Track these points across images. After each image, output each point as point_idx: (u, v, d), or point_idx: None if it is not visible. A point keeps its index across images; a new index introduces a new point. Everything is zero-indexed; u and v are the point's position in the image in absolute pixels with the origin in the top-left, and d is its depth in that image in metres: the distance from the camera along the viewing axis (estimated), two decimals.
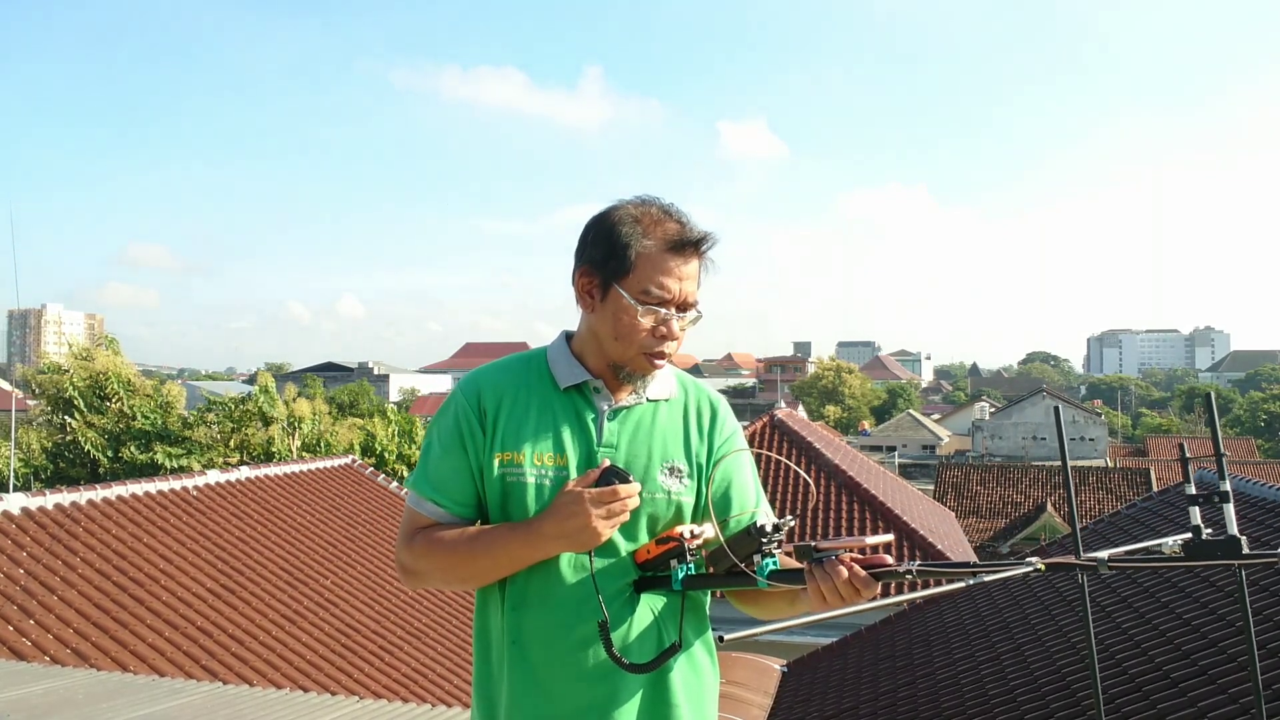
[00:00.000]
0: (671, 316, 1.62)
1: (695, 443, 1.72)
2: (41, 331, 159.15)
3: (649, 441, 1.68)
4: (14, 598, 6.38)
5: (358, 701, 4.50)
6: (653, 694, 1.63)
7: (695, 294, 1.66)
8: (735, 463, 1.75)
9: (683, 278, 1.63)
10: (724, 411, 1.78)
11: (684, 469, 1.68)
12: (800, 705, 6.99)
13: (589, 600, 1.60)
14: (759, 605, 1.72)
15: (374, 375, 65.86)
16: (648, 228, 1.62)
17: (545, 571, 1.63)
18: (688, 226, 1.64)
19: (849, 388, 76.83)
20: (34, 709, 3.60)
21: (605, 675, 1.60)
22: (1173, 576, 6.42)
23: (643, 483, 1.63)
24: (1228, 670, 4.73)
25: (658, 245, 1.62)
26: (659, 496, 1.65)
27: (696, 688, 1.69)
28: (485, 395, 1.68)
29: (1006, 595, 7.63)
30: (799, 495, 14.73)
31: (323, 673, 7.16)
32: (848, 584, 1.46)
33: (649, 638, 1.65)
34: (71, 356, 22.29)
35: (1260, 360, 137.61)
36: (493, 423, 1.66)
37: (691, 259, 1.64)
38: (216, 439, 21.58)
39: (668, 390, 1.73)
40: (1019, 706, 5.36)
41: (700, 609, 1.74)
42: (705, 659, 1.73)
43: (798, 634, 12.93)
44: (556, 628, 1.61)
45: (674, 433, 1.71)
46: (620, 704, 1.61)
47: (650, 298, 1.61)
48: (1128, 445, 52.56)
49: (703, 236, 1.65)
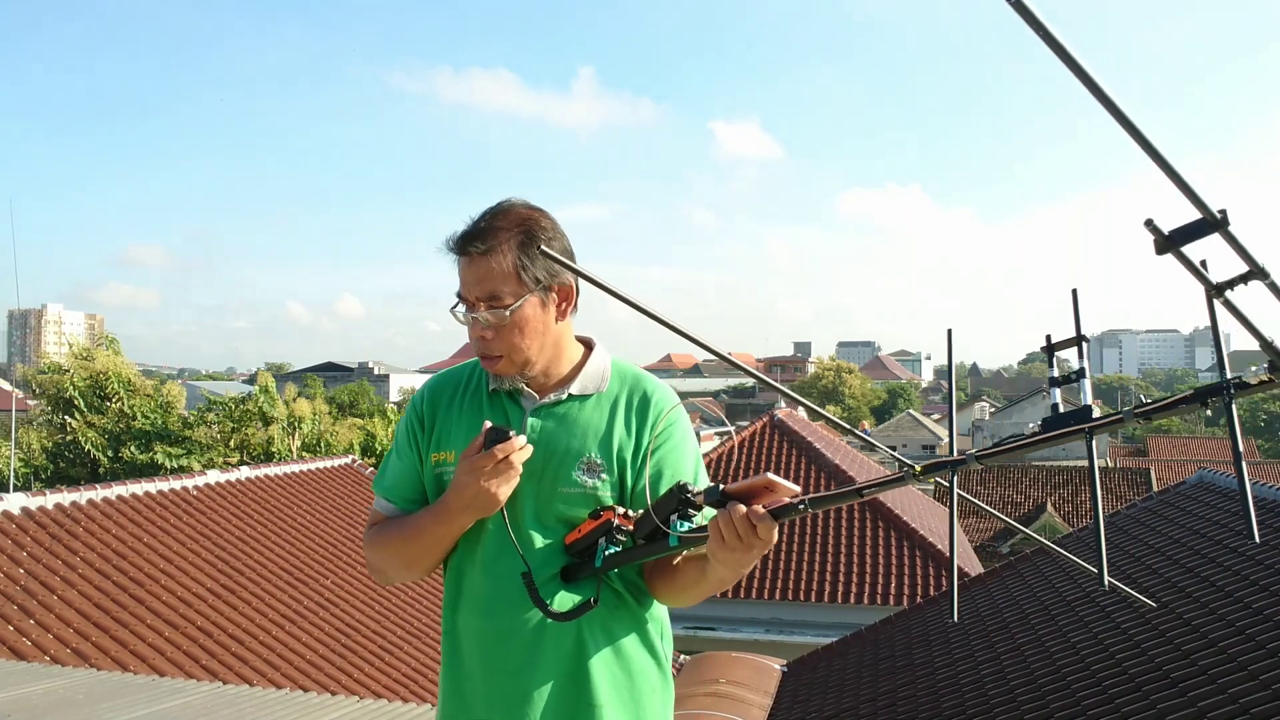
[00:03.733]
0: (471, 316, 1.68)
1: (620, 435, 1.73)
2: (42, 331, 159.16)
3: (567, 437, 1.72)
4: (14, 598, 6.37)
5: (358, 701, 4.50)
6: (574, 691, 1.65)
7: (490, 289, 1.65)
8: (673, 448, 1.75)
9: (467, 277, 1.67)
10: (659, 399, 1.77)
11: (601, 464, 1.70)
12: (800, 705, 6.99)
13: (509, 595, 1.66)
14: (674, 581, 1.71)
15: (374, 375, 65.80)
16: (450, 241, 1.70)
17: (473, 567, 1.72)
18: (471, 227, 1.67)
19: (849, 388, 76.85)
20: (34, 709, 3.60)
21: (524, 668, 1.65)
22: (1173, 576, 6.42)
23: (557, 478, 1.69)
24: (1228, 670, 4.73)
25: (453, 250, 1.69)
26: (573, 491, 1.69)
27: (628, 690, 1.69)
28: (428, 400, 1.82)
29: (1006, 595, 7.64)
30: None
31: (323, 673, 7.16)
32: (744, 520, 1.47)
33: (566, 625, 1.68)
34: (72, 356, 22.31)
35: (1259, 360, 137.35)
36: (431, 424, 1.79)
37: (473, 257, 1.66)
38: (216, 439, 21.58)
39: (595, 385, 1.76)
40: (1019, 706, 5.36)
41: (635, 609, 1.73)
42: (644, 663, 1.73)
43: (798, 634, 12.94)
44: (482, 619, 1.69)
45: (596, 427, 1.73)
46: (536, 696, 1.64)
47: (457, 301, 1.70)
48: (1128, 445, 52.52)
49: (475, 234, 1.66)
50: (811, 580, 13.43)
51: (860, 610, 12.76)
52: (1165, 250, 0.99)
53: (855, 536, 14.11)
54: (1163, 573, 6.60)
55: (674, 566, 1.71)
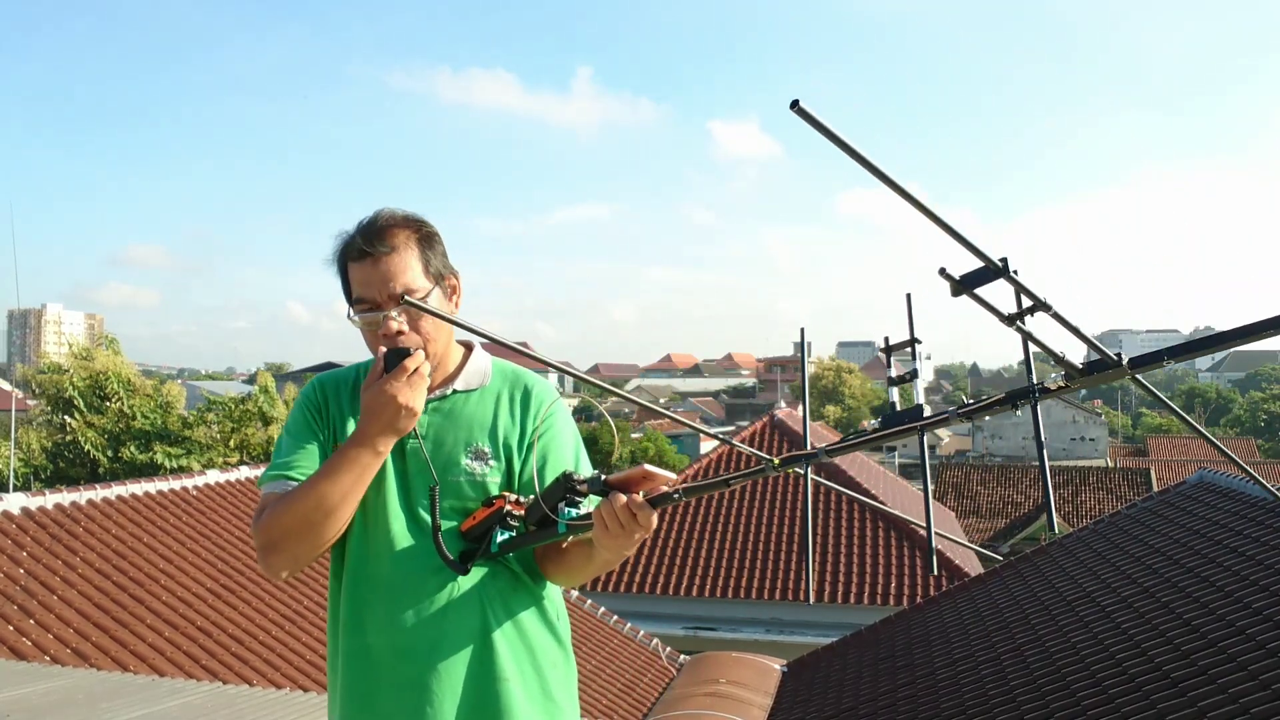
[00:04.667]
0: (384, 316, 1.73)
1: (505, 425, 1.83)
2: (41, 331, 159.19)
3: (454, 429, 1.81)
4: (14, 598, 6.37)
5: None
6: (479, 667, 1.73)
7: (405, 285, 1.73)
8: (554, 438, 1.85)
9: (374, 279, 1.73)
10: (539, 392, 1.88)
11: (488, 451, 1.80)
12: (800, 705, 6.99)
13: (414, 579, 1.73)
14: (563, 564, 1.81)
15: None
16: (346, 246, 1.78)
17: (380, 555, 1.75)
18: (369, 232, 1.75)
19: (849, 388, 76.84)
20: (34, 709, 3.60)
21: (430, 648, 1.71)
22: (1173, 576, 6.42)
23: (447, 467, 1.77)
24: (1228, 670, 4.73)
25: (350, 258, 1.77)
26: (463, 479, 1.78)
27: (530, 665, 1.78)
28: (320, 392, 1.88)
29: (1006, 595, 7.64)
30: (796, 489, 14.73)
31: (322, 673, 7.16)
32: (625, 509, 1.57)
33: (470, 602, 1.75)
34: (71, 356, 22.29)
35: (1260, 360, 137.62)
36: (325, 416, 1.85)
37: (380, 258, 1.73)
38: (216, 439, 21.57)
39: (478, 380, 1.86)
40: (1019, 706, 5.36)
41: (533, 589, 1.83)
42: (544, 639, 1.82)
43: (798, 634, 12.94)
44: (388, 604, 1.73)
45: (482, 419, 1.83)
46: (444, 674, 1.71)
47: (362, 306, 1.76)
48: (1128, 445, 52.56)
49: (377, 236, 1.74)
50: (812, 580, 13.42)
51: (860, 610, 12.77)
52: (959, 293, 1.16)
53: (855, 536, 14.12)
54: (1163, 573, 6.60)
55: (562, 550, 1.79)
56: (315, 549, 1.73)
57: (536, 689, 1.78)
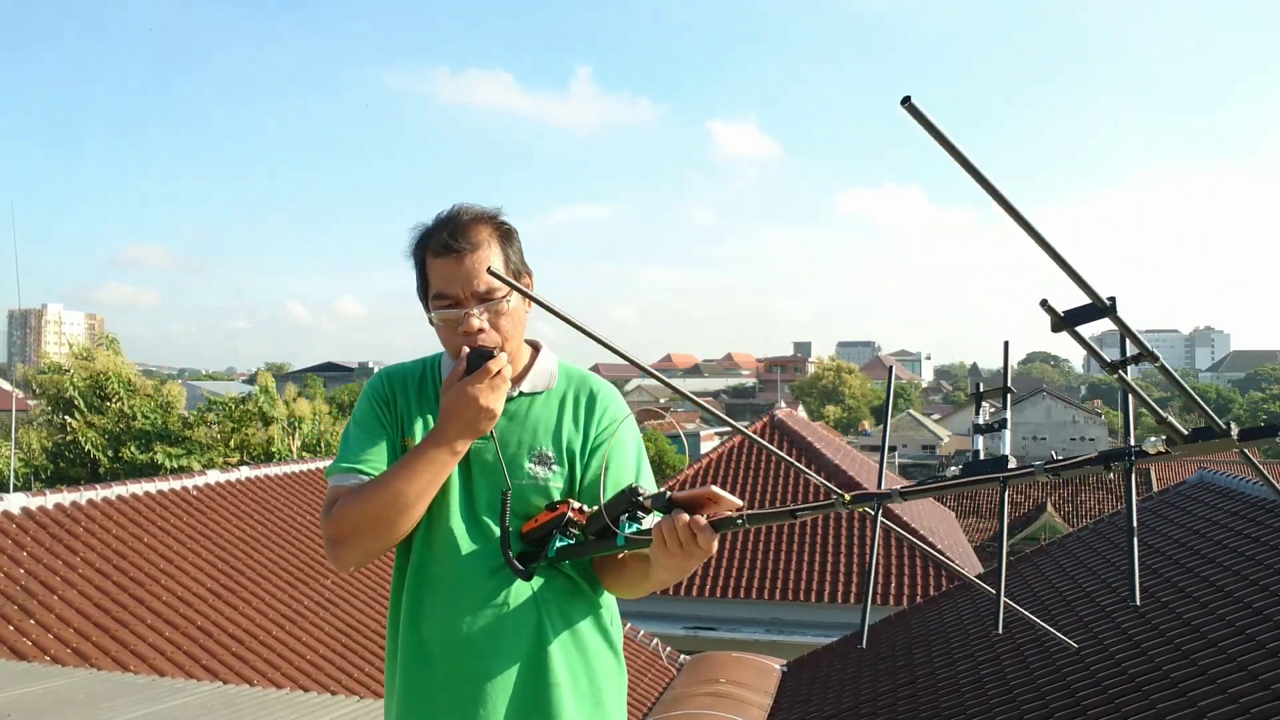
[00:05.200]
0: (465, 313, 1.71)
1: (569, 430, 1.81)
2: (42, 331, 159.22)
3: (520, 432, 1.79)
4: (14, 598, 6.37)
5: (358, 701, 4.50)
6: (533, 671, 1.71)
7: (487, 282, 1.71)
8: (617, 445, 1.82)
9: (459, 275, 1.71)
10: (605, 398, 1.85)
11: (552, 456, 1.78)
12: (800, 705, 6.99)
13: (471, 577, 1.72)
14: (620, 577, 1.79)
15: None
16: (427, 241, 1.75)
17: (435, 560, 1.75)
18: (453, 227, 1.72)
19: (849, 388, 76.89)
20: (34, 709, 3.60)
21: (487, 650, 1.70)
22: (1173, 576, 6.42)
23: (511, 471, 1.75)
24: (1228, 670, 4.73)
25: (432, 254, 1.73)
26: (526, 484, 1.76)
27: (584, 671, 1.76)
28: (388, 385, 1.85)
29: (1006, 595, 7.63)
30: (799, 494, 14.73)
31: (323, 673, 7.16)
32: (686, 528, 1.53)
33: (527, 606, 1.74)
34: (72, 356, 22.30)
35: (1260, 360, 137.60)
36: (394, 409, 1.83)
37: (465, 255, 1.71)
38: (216, 439, 21.57)
39: (544, 383, 1.84)
40: (1019, 706, 5.36)
41: (590, 596, 1.81)
42: (599, 646, 1.80)
43: (798, 634, 12.94)
44: (447, 604, 1.73)
45: (546, 422, 1.81)
46: (499, 677, 1.70)
47: (442, 302, 1.73)
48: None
49: (462, 232, 1.72)
50: (811, 580, 13.44)
51: (860, 610, 12.75)
52: (1060, 329, 1.10)
53: (855, 537, 14.11)
54: (1163, 573, 6.60)
55: (620, 562, 1.78)
56: (386, 544, 1.73)
57: (588, 696, 1.76)
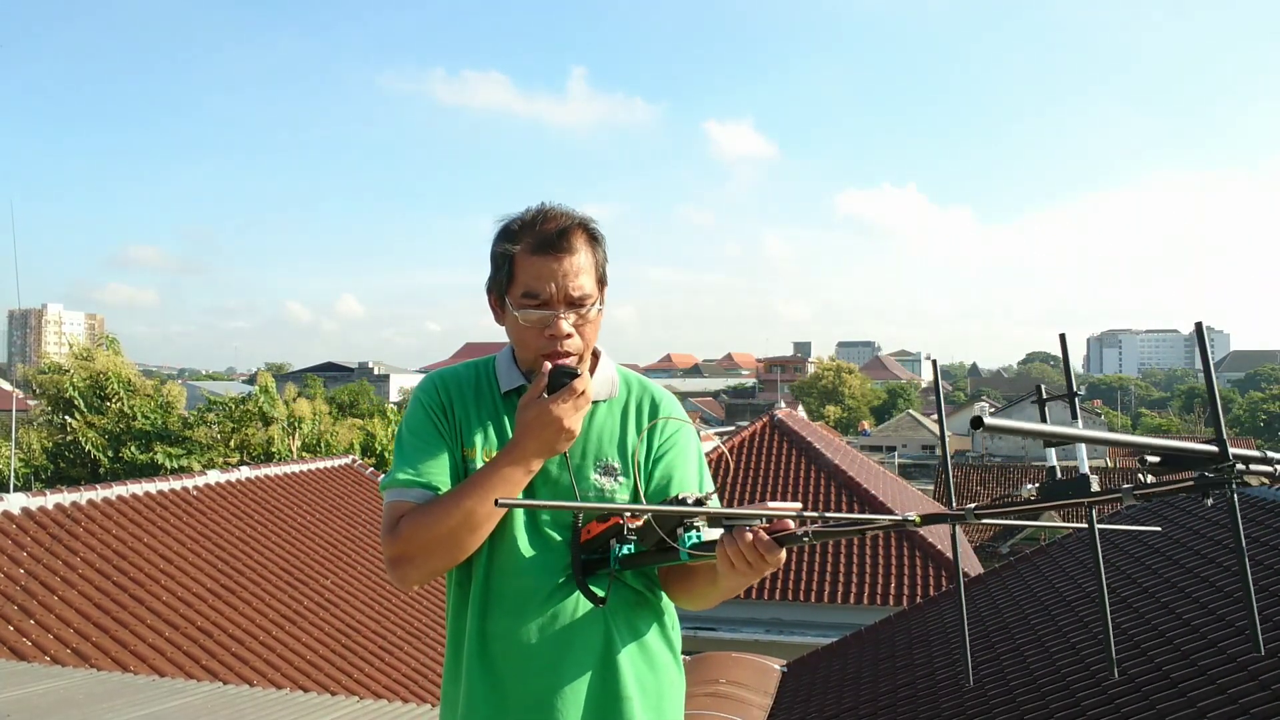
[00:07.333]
0: (555, 316, 1.66)
1: (633, 440, 1.77)
2: (42, 331, 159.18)
3: (584, 441, 1.74)
4: (14, 598, 6.37)
5: (358, 701, 4.50)
6: (601, 685, 1.68)
7: (581, 287, 1.67)
8: (679, 455, 1.79)
9: (555, 276, 1.66)
10: (667, 407, 1.82)
11: (618, 467, 1.74)
12: (800, 705, 6.99)
13: (541, 594, 1.68)
14: (687, 588, 1.75)
15: (374, 375, 65.78)
16: (519, 236, 1.68)
17: (502, 569, 1.70)
18: (552, 226, 1.68)
19: (849, 388, 76.82)
20: (34, 709, 3.60)
21: (555, 665, 1.66)
22: (1173, 576, 6.42)
23: (577, 481, 1.71)
24: (1228, 670, 4.73)
25: (526, 250, 1.67)
26: (592, 495, 1.72)
27: (652, 684, 1.73)
28: (444, 393, 1.78)
29: (1006, 595, 7.64)
30: (799, 494, 14.73)
31: (323, 673, 7.16)
32: (752, 547, 1.49)
33: (594, 618, 1.70)
34: (72, 356, 22.29)
35: (1260, 360, 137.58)
36: (451, 417, 1.76)
37: (563, 256, 1.67)
38: (216, 439, 21.55)
39: (607, 390, 1.79)
40: (1019, 706, 5.36)
41: (655, 605, 1.77)
42: (665, 657, 1.77)
43: (798, 634, 12.94)
44: (514, 618, 1.68)
45: (610, 432, 1.77)
46: (568, 692, 1.66)
47: (530, 301, 1.67)
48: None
49: (562, 232, 1.67)
50: (811, 580, 13.43)
51: (860, 610, 12.76)
52: None
53: (855, 537, 14.10)
54: (1163, 573, 6.60)
55: (688, 572, 1.72)
56: (453, 563, 1.68)
57: (655, 710, 1.72)
